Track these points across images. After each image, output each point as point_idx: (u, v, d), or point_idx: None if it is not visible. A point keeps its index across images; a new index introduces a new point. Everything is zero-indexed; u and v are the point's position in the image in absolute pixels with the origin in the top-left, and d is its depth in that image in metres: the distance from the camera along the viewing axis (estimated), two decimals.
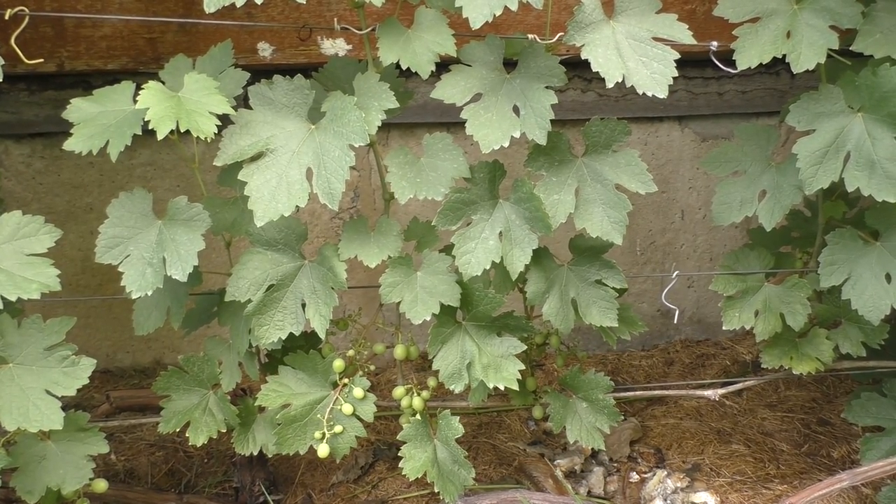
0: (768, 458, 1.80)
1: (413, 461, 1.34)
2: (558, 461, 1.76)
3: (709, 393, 1.62)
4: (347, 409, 1.33)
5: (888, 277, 1.34)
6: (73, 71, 1.81)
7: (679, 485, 1.71)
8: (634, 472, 1.78)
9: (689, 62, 2.02)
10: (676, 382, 2.05)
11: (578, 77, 2.03)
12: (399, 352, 1.41)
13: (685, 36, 1.21)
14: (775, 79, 2.12)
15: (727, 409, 1.99)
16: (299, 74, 1.23)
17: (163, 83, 1.19)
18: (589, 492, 1.71)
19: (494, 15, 1.11)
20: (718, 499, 1.67)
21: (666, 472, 1.75)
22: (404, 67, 1.20)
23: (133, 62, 1.82)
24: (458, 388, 1.31)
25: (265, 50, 1.85)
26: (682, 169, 2.17)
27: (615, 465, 1.80)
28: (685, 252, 2.24)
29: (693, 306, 2.29)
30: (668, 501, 1.67)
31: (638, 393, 1.82)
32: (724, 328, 1.47)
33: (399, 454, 1.35)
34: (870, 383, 1.84)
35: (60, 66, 1.79)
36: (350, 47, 1.85)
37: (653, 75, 1.19)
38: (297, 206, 1.17)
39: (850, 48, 1.27)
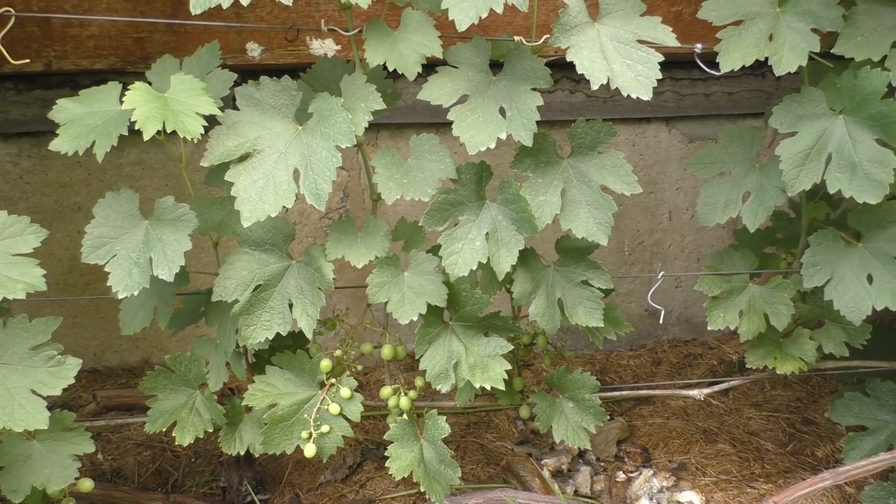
0: (753, 457, 1.82)
1: (399, 461, 1.34)
2: (545, 460, 1.76)
3: (694, 393, 1.63)
4: (334, 408, 1.34)
5: (869, 278, 1.35)
6: (61, 70, 1.81)
7: (665, 484, 1.73)
8: (621, 472, 1.79)
9: (676, 63, 2.03)
10: (663, 382, 2.06)
11: (567, 78, 2.04)
12: (386, 352, 1.42)
13: (669, 38, 1.22)
14: (761, 80, 2.14)
15: (713, 408, 2.01)
16: (286, 75, 1.23)
17: (150, 83, 1.19)
18: (576, 491, 1.72)
19: (480, 17, 1.12)
20: (703, 498, 1.69)
21: (652, 472, 1.76)
22: (391, 69, 1.21)
23: (121, 62, 1.82)
24: (444, 388, 1.32)
25: (254, 50, 1.85)
26: (670, 170, 2.18)
27: (602, 464, 1.81)
28: (673, 252, 2.26)
29: (681, 306, 2.31)
30: (654, 500, 1.69)
31: (625, 393, 1.83)
32: (708, 328, 1.49)
33: (386, 454, 1.35)
34: (854, 383, 1.86)
35: (48, 66, 1.79)
36: (339, 48, 1.85)
37: (637, 77, 1.20)
38: (284, 207, 1.17)
39: (832, 51, 1.28)
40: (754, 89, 2.13)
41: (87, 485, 1.25)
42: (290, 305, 1.28)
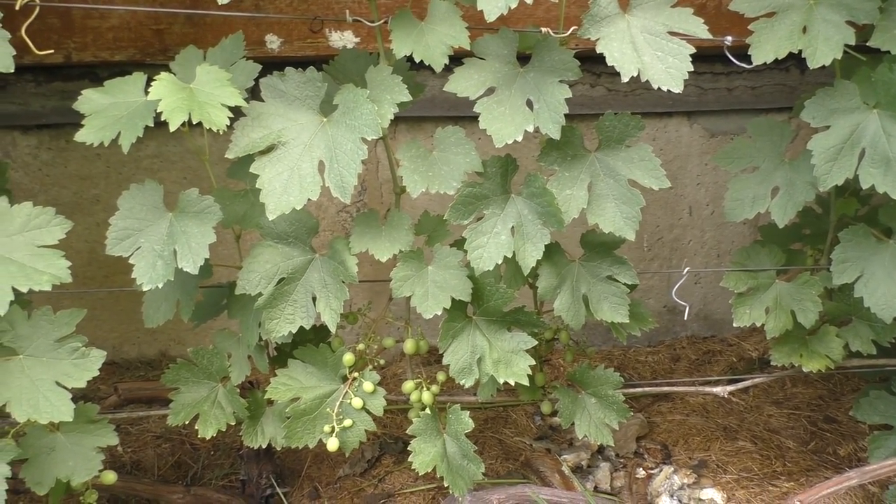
0: (775, 455, 1.80)
1: (423, 455, 1.34)
2: (565, 456, 1.75)
3: (717, 390, 1.61)
4: (357, 402, 1.33)
5: None
6: (81, 62, 1.80)
7: (686, 481, 1.71)
8: (641, 468, 1.77)
9: (699, 57, 1.98)
10: (683, 379, 2.04)
11: (588, 71, 2.02)
12: (409, 346, 1.41)
13: (700, 30, 1.20)
14: (785, 74, 2.11)
15: (733, 405, 1.99)
16: (311, 67, 1.22)
17: (173, 74, 1.18)
18: (595, 487, 1.71)
19: (510, 7, 1.11)
20: (725, 495, 1.67)
21: (672, 469, 1.75)
22: (417, 60, 1.19)
23: (140, 53, 1.81)
24: (468, 382, 1.31)
25: (273, 42, 1.84)
26: (691, 165, 2.16)
27: (621, 460, 1.80)
28: (692, 248, 2.24)
29: (700, 303, 2.28)
30: (675, 498, 1.67)
31: (647, 389, 1.82)
32: (734, 325, 1.47)
33: (407, 448, 1.35)
34: (877, 381, 1.84)
35: (68, 58, 1.78)
36: (358, 40, 1.84)
37: (668, 70, 1.18)
38: (308, 199, 1.16)
39: (867, 44, 1.26)
40: (778, 84, 2.10)
41: (110, 477, 1.25)
42: (314, 299, 1.27)
